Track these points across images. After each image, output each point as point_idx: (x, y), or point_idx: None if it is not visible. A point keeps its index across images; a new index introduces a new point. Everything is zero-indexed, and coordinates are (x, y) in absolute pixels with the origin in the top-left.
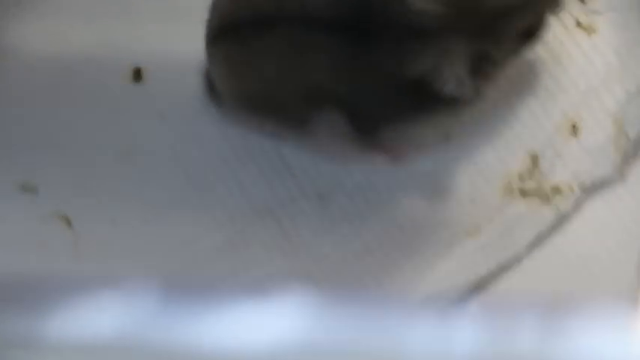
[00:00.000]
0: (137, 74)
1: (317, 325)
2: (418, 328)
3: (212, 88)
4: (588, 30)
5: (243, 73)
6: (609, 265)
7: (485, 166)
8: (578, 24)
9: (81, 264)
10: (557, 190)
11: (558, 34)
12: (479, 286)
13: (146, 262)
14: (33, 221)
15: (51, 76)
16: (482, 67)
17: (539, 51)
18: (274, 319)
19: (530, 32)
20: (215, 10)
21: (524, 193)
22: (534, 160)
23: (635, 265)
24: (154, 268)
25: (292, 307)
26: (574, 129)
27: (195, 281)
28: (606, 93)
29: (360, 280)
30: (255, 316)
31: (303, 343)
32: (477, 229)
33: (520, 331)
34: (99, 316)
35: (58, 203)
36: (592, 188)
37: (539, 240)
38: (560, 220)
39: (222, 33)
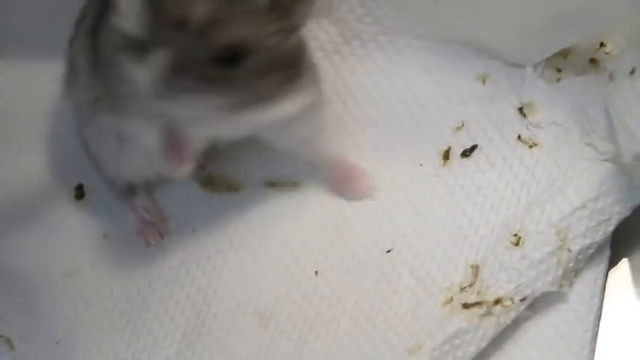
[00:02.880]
0: (79, 192)
1: None
2: None
3: None
4: (530, 143)
5: None
6: None
7: (426, 279)
8: (519, 137)
9: None
10: (498, 301)
11: (500, 148)
12: None
13: None
14: None
15: None
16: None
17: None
18: None
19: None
20: None
21: (465, 306)
22: (475, 271)
23: None
24: None
25: None
26: (517, 240)
27: None
28: (549, 205)
29: None
30: None
31: None
32: (418, 346)
33: None
34: None
35: (0, 324)
36: (533, 301)
37: (480, 356)
38: (501, 335)
39: None
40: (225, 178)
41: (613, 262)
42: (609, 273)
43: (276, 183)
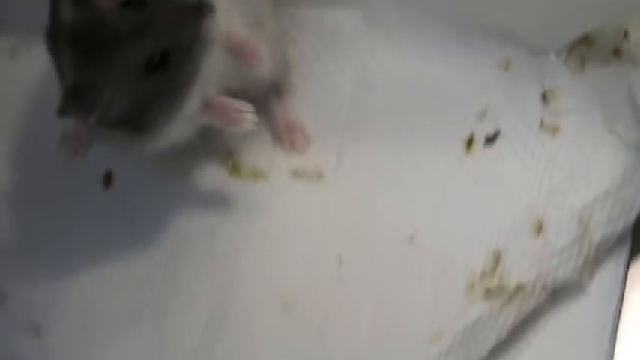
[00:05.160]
0: (107, 178)
1: None
2: None
3: None
4: (552, 130)
5: None
6: None
7: (448, 266)
8: (542, 124)
9: None
10: (519, 288)
11: (522, 135)
12: None
13: None
14: (2, 328)
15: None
16: None
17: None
18: None
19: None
20: None
21: (487, 293)
22: (497, 257)
23: None
24: None
25: None
26: (539, 227)
27: None
28: (572, 193)
29: None
30: None
31: None
32: (440, 334)
33: None
34: None
35: (27, 312)
36: (554, 291)
37: (501, 346)
38: (522, 325)
39: None
40: (252, 166)
41: (634, 254)
42: (630, 265)
43: (301, 172)
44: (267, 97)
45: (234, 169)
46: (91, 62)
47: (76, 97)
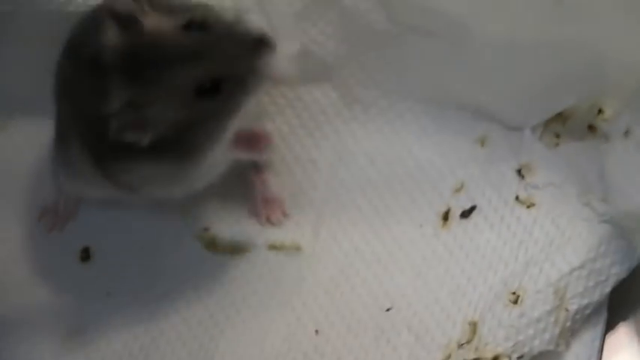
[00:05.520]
0: (85, 254)
1: None
2: None
3: None
4: (528, 204)
5: None
6: None
7: (424, 336)
8: (518, 198)
9: None
10: (496, 358)
11: (498, 209)
12: None
13: None
14: None
15: None
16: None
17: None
18: None
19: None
20: None
21: None
22: (473, 327)
23: None
24: None
25: None
26: (515, 298)
27: None
28: (548, 264)
29: None
30: None
31: None
32: None
33: None
34: None
35: None
36: (530, 359)
37: None
38: None
39: None
40: (229, 240)
41: (610, 325)
42: (607, 335)
43: (279, 246)
44: (246, 171)
45: (211, 243)
46: (144, 83)
47: (131, 116)
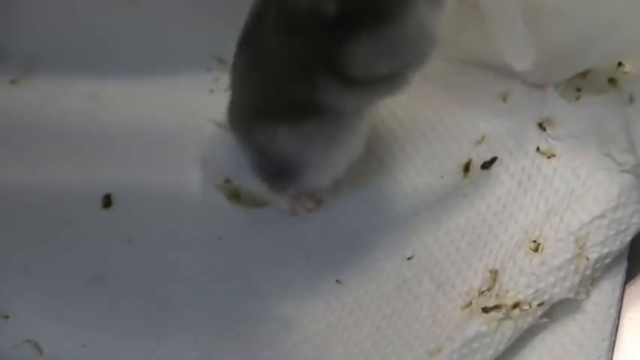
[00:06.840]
0: (107, 201)
1: None
2: None
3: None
4: (548, 154)
5: None
6: None
7: (445, 284)
8: (538, 149)
9: None
10: (516, 305)
11: (519, 159)
12: None
13: None
14: (4, 348)
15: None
16: None
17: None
18: None
19: None
20: None
21: (484, 310)
22: (494, 275)
23: None
24: None
25: None
26: (536, 246)
27: None
28: (568, 213)
29: None
30: None
31: None
32: (438, 349)
33: None
34: None
35: (29, 330)
36: (551, 310)
37: None
38: (519, 343)
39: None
40: (251, 193)
41: (630, 275)
42: (627, 284)
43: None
44: None
45: (234, 195)
46: None
47: None
